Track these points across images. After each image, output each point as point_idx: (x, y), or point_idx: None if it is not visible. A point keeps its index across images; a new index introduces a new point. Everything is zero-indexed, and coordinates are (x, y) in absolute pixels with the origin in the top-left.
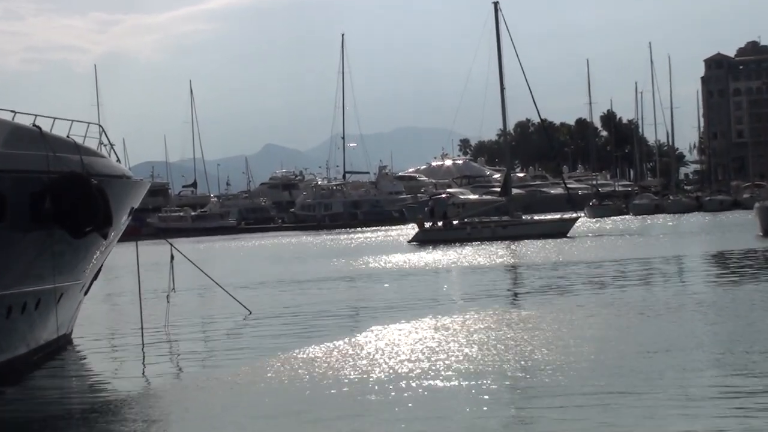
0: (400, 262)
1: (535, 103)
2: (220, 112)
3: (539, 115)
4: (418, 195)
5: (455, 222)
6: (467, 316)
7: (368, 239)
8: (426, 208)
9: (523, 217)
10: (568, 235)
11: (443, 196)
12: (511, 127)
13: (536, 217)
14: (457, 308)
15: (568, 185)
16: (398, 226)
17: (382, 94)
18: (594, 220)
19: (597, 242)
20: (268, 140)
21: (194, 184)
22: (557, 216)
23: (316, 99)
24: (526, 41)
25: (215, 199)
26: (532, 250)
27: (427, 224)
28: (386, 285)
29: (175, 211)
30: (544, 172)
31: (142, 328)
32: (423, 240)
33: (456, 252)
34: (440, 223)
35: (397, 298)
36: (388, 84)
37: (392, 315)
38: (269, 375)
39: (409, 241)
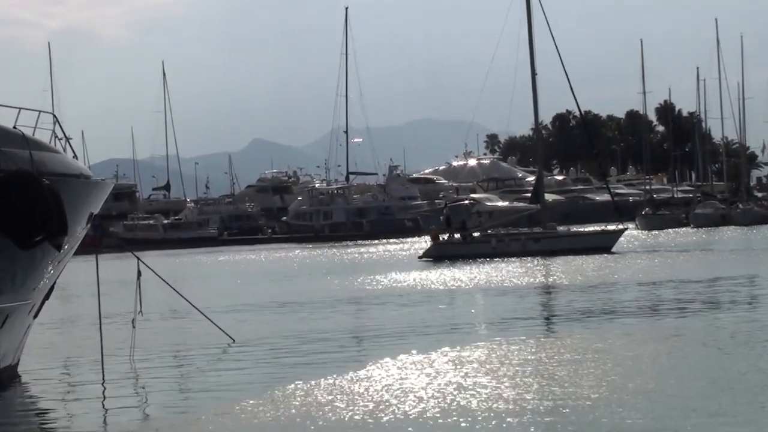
0: (410, 282)
1: (572, 90)
2: (198, 101)
3: (578, 106)
4: (436, 201)
5: (476, 234)
6: (492, 347)
7: (375, 254)
8: (441, 217)
9: (559, 229)
10: (612, 250)
11: (466, 202)
12: (547, 120)
13: (574, 229)
14: (480, 337)
15: (617, 190)
16: (412, 239)
17: (393, 79)
18: (647, 232)
19: (648, 259)
20: (256, 134)
21: (167, 187)
22: (600, 227)
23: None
24: (564, 18)
25: (192, 204)
26: (569, 268)
27: (443, 236)
28: (394, 309)
29: (144, 219)
30: (588, 175)
31: (102, 360)
32: (437, 255)
33: (478, 270)
34: (458, 235)
35: (408, 325)
36: (399, 68)
37: (402, 345)
38: (254, 420)
39: (421, 257)
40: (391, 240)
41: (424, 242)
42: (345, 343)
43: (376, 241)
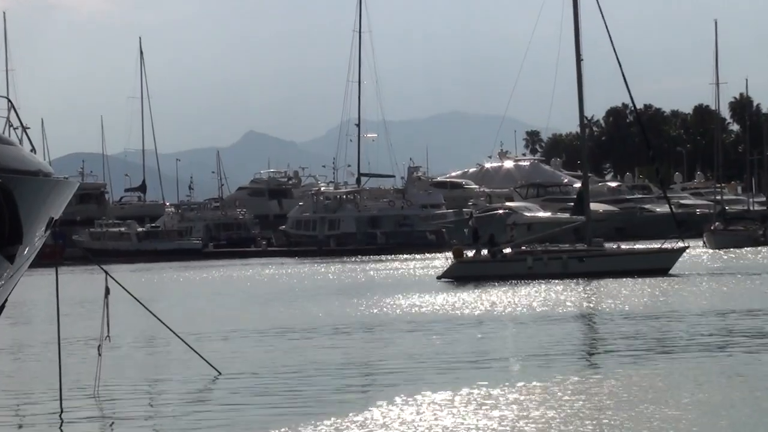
0: (427, 307)
1: (624, 78)
2: (181, 85)
3: (631, 98)
4: (465, 210)
5: (507, 250)
6: (529, 386)
7: (389, 272)
8: (466, 229)
9: (606, 246)
10: (671, 272)
11: (500, 212)
12: (599, 114)
13: (627, 246)
14: (513, 374)
15: (681, 201)
16: (434, 254)
17: (415, 65)
18: (716, 251)
19: (715, 283)
20: (250, 127)
21: (142, 187)
22: (656, 245)
23: (321, 70)
24: None
25: (172, 209)
26: (618, 293)
27: (468, 253)
28: (408, 339)
29: (114, 225)
30: (648, 181)
31: (60, 393)
32: (460, 276)
33: (509, 293)
34: (485, 252)
35: (426, 358)
36: (422, 52)
37: (419, 381)
38: None
39: (440, 278)
40: (410, 256)
41: (445, 259)
42: (349, 378)
43: (392, 257)
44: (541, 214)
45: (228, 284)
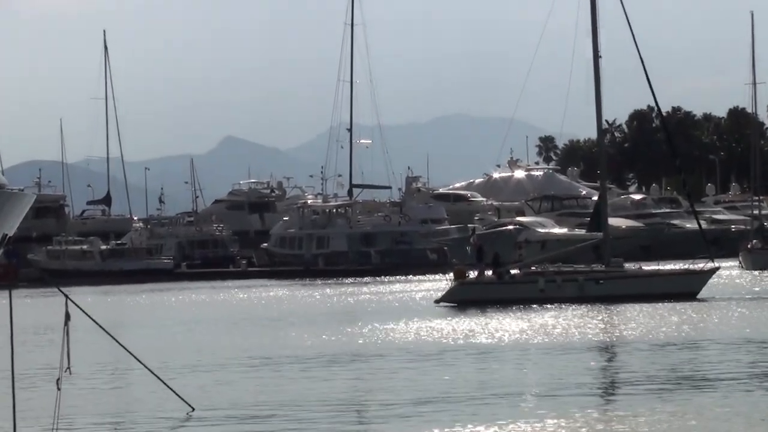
0: (424, 335)
1: (649, 80)
2: (151, 85)
3: (655, 100)
4: (470, 225)
5: (515, 271)
6: (543, 424)
7: (384, 296)
8: (468, 247)
9: (626, 267)
10: (700, 296)
11: (510, 228)
12: (622, 118)
13: (648, 267)
14: (526, 410)
15: (714, 215)
16: (436, 276)
17: (414, 63)
18: (752, 272)
19: (749, 309)
20: (229, 131)
21: (106, 200)
22: (683, 266)
23: (308, 69)
24: None
25: (140, 224)
26: (640, 319)
27: (471, 274)
28: (403, 371)
29: (75, 243)
30: (676, 193)
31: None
32: (461, 300)
33: (517, 320)
34: (490, 272)
35: (426, 393)
36: (422, 49)
37: (418, 420)
38: None
39: (439, 301)
40: (409, 277)
41: (446, 281)
42: (336, 417)
43: (388, 279)
44: (557, 230)
45: (203, 309)
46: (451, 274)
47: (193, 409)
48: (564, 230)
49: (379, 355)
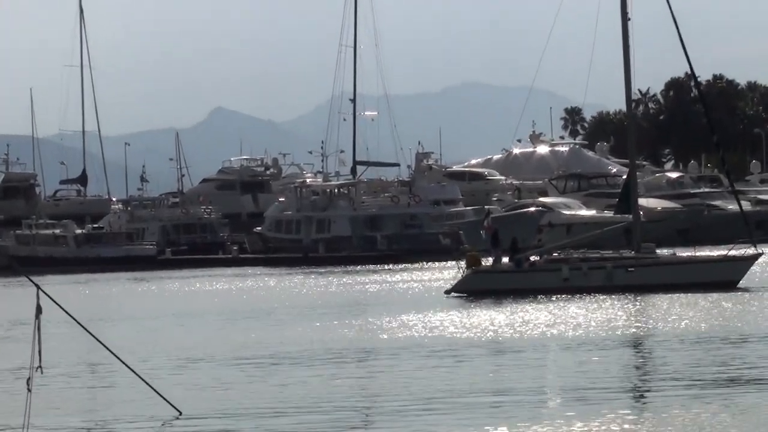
0: (435, 330)
1: (683, 45)
2: (131, 51)
3: (691, 69)
4: (488, 207)
5: (534, 258)
6: (570, 427)
7: (391, 285)
8: (482, 231)
9: (659, 253)
10: (740, 284)
11: (531, 210)
12: (656, 87)
13: (683, 253)
14: (548, 411)
15: (760, 195)
16: (449, 264)
17: (424, 24)
18: None
19: None
20: (218, 102)
21: (82, 179)
22: (722, 252)
23: (306, 32)
24: None
25: (119, 206)
26: (674, 310)
27: (486, 261)
28: (411, 369)
29: (48, 227)
30: (717, 171)
31: None
32: (474, 290)
33: (538, 312)
34: (506, 259)
35: (437, 392)
36: (433, 8)
37: (427, 423)
38: None
39: (449, 292)
40: (419, 265)
41: (459, 269)
42: (337, 417)
43: (396, 266)
44: (584, 212)
45: (190, 301)
46: (463, 262)
47: (181, 413)
48: (592, 212)
49: (383, 351)
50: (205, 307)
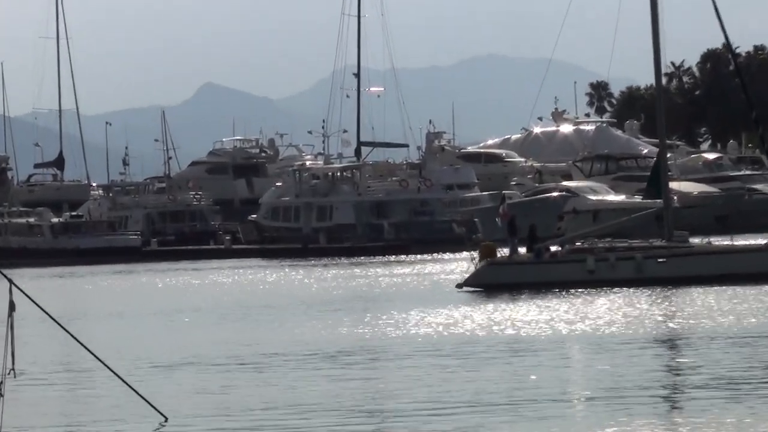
0: (449, 327)
1: (718, 13)
2: (112, 21)
3: (727, 39)
4: (504, 192)
5: (555, 248)
6: None
7: (399, 278)
8: (498, 218)
9: (692, 241)
10: None
11: (554, 195)
12: (691, 59)
13: (720, 242)
14: (575, 417)
15: None
16: (463, 254)
17: None
18: None
19: None
20: (208, 77)
21: (58, 162)
22: (763, 241)
23: (307, 1)
24: None
25: (100, 191)
26: (710, 306)
27: (501, 252)
28: (420, 369)
29: (21, 215)
30: (758, 152)
31: None
32: (489, 284)
33: (561, 308)
34: (523, 250)
35: (451, 397)
36: None
37: (436, 427)
38: None
39: (461, 286)
40: (430, 256)
41: (472, 261)
42: (340, 421)
43: (405, 258)
44: (612, 197)
45: (178, 296)
46: (477, 253)
47: (167, 420)
48: (621, 197)
49: (390, 351)
50: (194, 303)
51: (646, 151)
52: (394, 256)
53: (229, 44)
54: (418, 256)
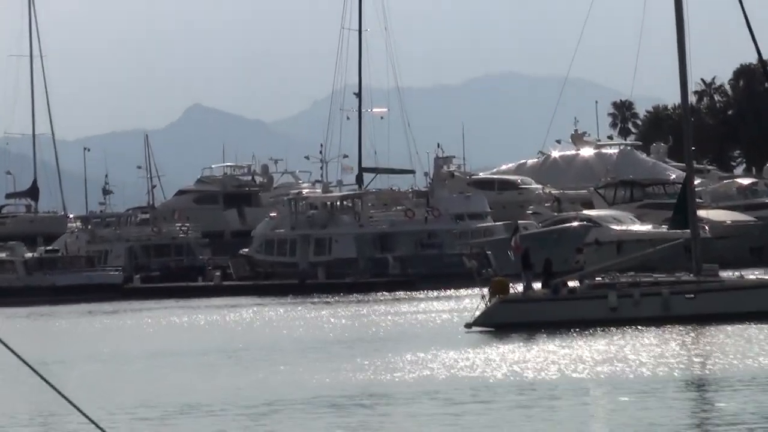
0: (459, 371)
1: (749, 25)
2: (91, 38)
3: (758, 53)
4: (521, 222)
5: (574, 283)
6: None
7: (405, 317)
8: (510, 251)
9: (722, 275)
10: None
11: (574, 224)
12: (723, 77)
13: (753, 276)
14: None
15: None
16: (473, 291)
17: (442, 8)
18: None
19: None
20: (196, 98)
21: (32, 191)
22: None
23: (304, 15)
24: None
25: (78, 223)
26: (743, 345)
27: (515, 288)
28: (435, 418)
29: None
30: None
31: None
32: (501, 323)
33: (580, 350)
34: (539, 285)
35: None
36: None
37: None
38: None
39: (470, 325)
40: (437, 293)
41: (482, 298)
42: None
43: (410, 295)
44: (638, 227)
45: (163, 337)
46: (487, 289)
47: None
48: (647, 227)
49: (393, 397)
50: (181, 345)
51: (674, 176)
52: (398, 293)
53: (218, 61)
54: (425, 293)
